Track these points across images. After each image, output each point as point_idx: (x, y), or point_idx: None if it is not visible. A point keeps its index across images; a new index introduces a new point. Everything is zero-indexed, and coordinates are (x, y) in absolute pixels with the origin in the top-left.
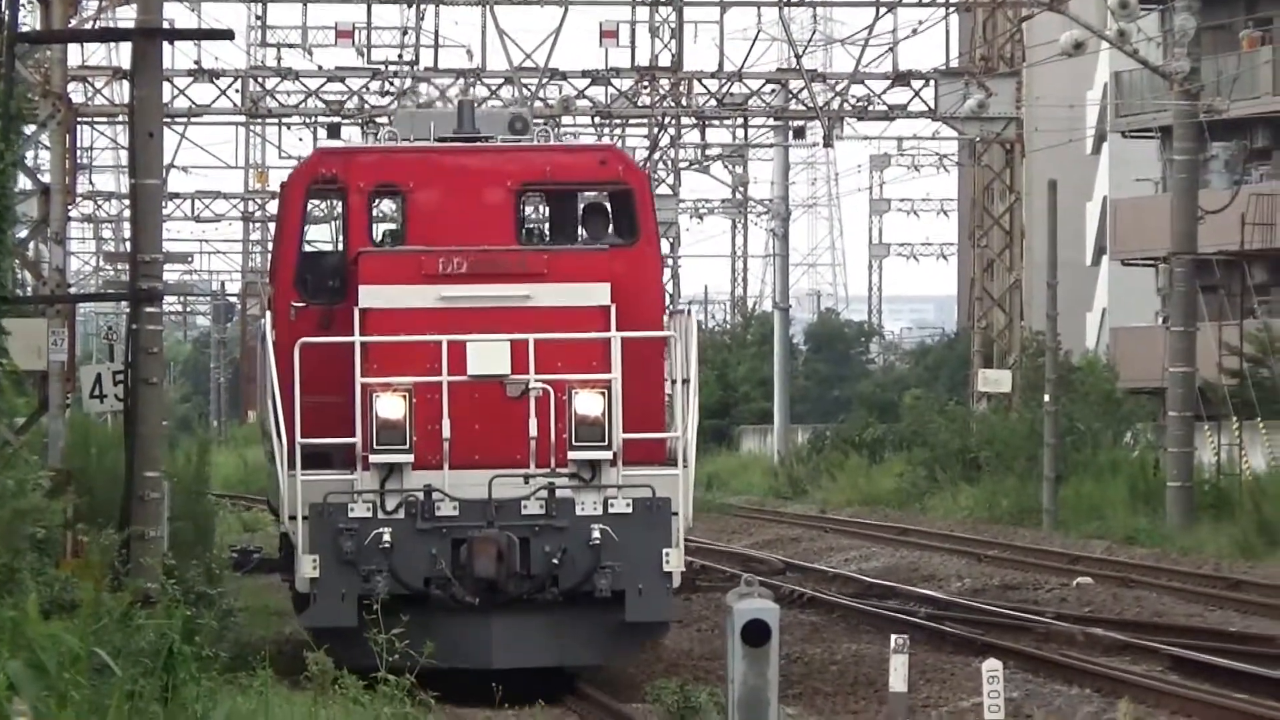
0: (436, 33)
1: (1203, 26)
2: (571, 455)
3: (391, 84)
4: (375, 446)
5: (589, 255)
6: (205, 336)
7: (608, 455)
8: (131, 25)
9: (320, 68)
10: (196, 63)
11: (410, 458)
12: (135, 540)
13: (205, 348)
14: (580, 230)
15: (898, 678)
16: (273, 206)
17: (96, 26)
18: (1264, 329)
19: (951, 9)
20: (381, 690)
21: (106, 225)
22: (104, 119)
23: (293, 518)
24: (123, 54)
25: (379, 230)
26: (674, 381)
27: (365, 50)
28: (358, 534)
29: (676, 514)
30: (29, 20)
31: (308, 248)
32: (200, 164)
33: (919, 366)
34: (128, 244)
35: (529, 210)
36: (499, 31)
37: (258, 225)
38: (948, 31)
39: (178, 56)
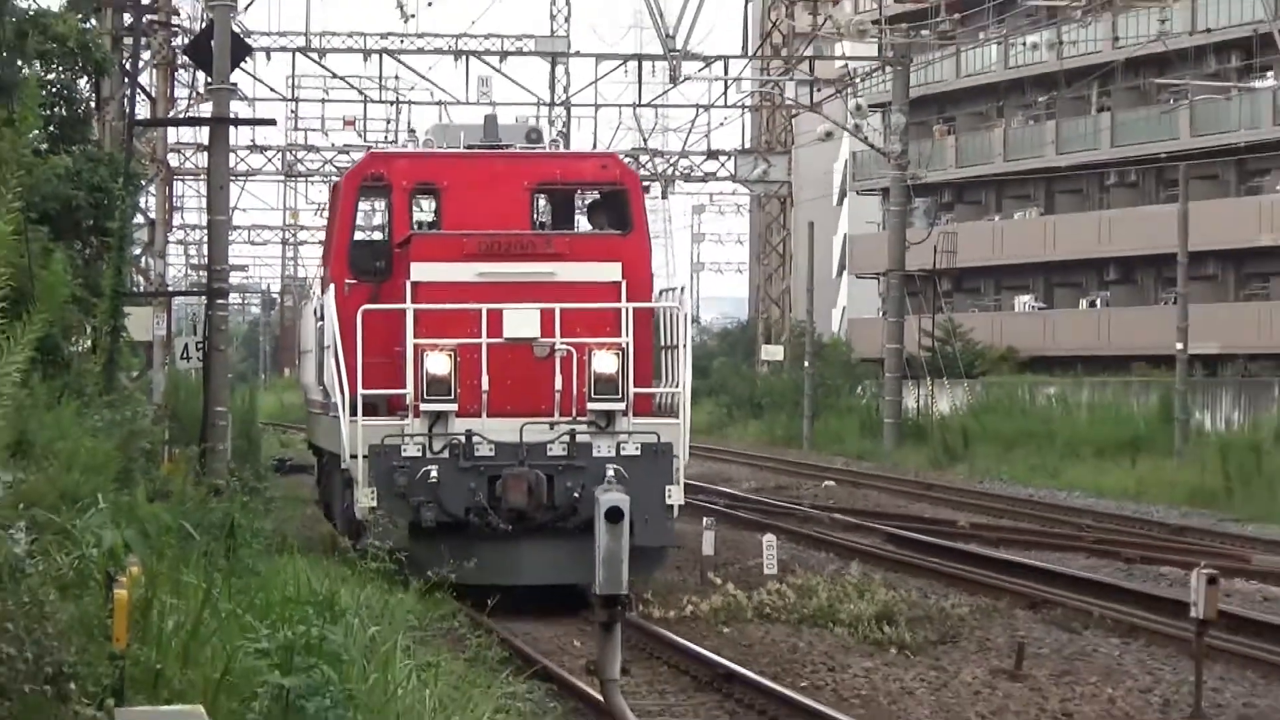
0: (410, 122)
1: (910, 122)
2: (590, 406)
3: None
4: (425, 397)
5: (604, 239)
6: (256, 320)
7: (621, 406)
8: (209, 115)
9: (333, 145)
10: (252, 140)
11: (454, 407)
12: (209, 451)
13: (256, 327)
14: (578, 223)
15: (708, 545)
16: (304, 222)
17: (186, 116)
18: (948, 321)
19: (745, 109)
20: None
21: (192, 246)
22: (191, 176)
23: (354, 456)
24: (203, 134)
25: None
26: (666, 347)
27: (363, 133)
28: (409, 470)
29: (677, 456)
30: (142, 110)
31: (357, 235)
32: (254, 207)
33: (724, 343)
34: (205, 258)
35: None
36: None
37: (292, 247)
38: (744, 124)
39: (240, 135)
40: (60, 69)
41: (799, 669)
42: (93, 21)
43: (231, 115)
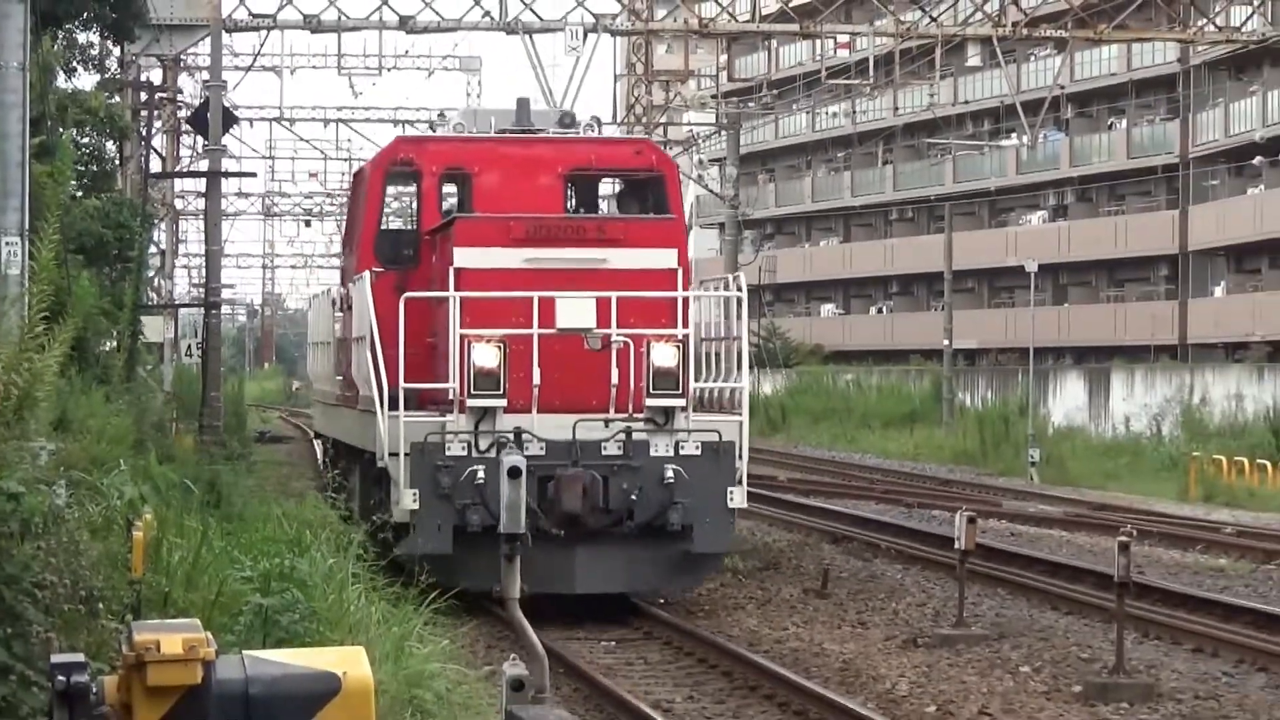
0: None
1: (740, 172)
2: (649, 402)
3: (333, 197)
4: (472, 392)
5: (659, 224)
6: (242, 326)
7: (681, 402)
8: (206, 170)
9: (301, 192)
10: (239, 188)
11: (504, 402)
12: (206, 426)
13: (242, 332)
14: (604, 210)
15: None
16: (279, 250)
17: (188, 170)
18: (770, 324)
19: None
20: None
21: (193, 269)
22: (192, 216)
23: (393, 455)
24: (201, 184)
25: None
26: (721, 339)
27: (324, 182)
28: (454, 470)
29: (740, 456)
30: (155, 166)
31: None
32: (240, 239)
33: None
34: (204, 279)
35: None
36: None
37: (269, 270)
38: None
39: (229, 185)
40: (92, 134)
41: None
42: (117, 98)
43: (223, 170)
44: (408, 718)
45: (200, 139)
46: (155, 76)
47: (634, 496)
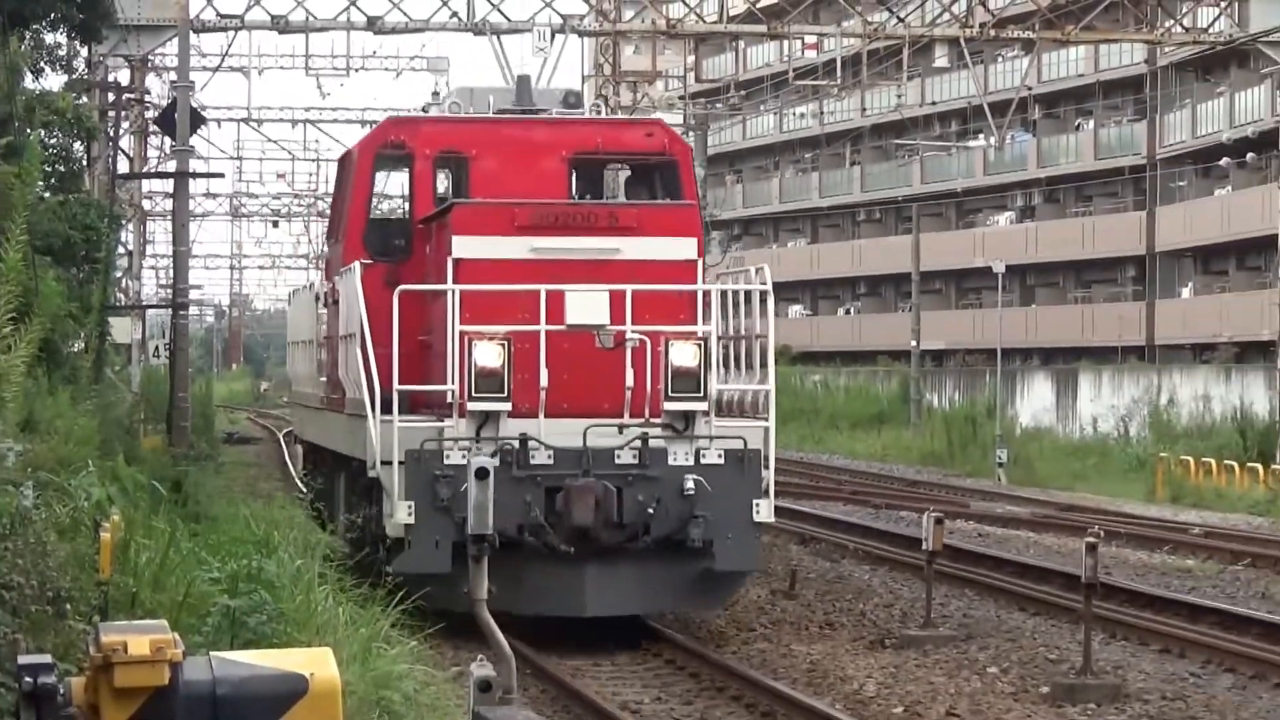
0: (327, 177)
1: (708, 173)
2: (667, 406)
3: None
4: (474, 394)
5: (677, 210)
6: (210, 327)
7: (703, 406)
8: (173, 170)
9: (269, 193)
10: (207, 189)
11: (508, 406)
12: (175, 426)
13: (210, 333)
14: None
15: None
16: (247, 251)
17: (156, 171)
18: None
19: None
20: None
21: (161, 270)
22: (160, 217)
23: (386, 463)
24: (169, 185)
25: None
26: (744, 337)
27: (292, 183)
28: (454, 481)
29: (766, 465)
30: (122, 167)
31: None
32: (208, 240)
33: None
34: (172, 280)
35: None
36: None
37: (237, 271)
38: None
39: (197, 186)
40: (59, 135)
41: None
42: (84, 98)
43: (190, 170)
44: (375, 718)
45: (168, 140)
46: (123, 77)
47: (650, 509)
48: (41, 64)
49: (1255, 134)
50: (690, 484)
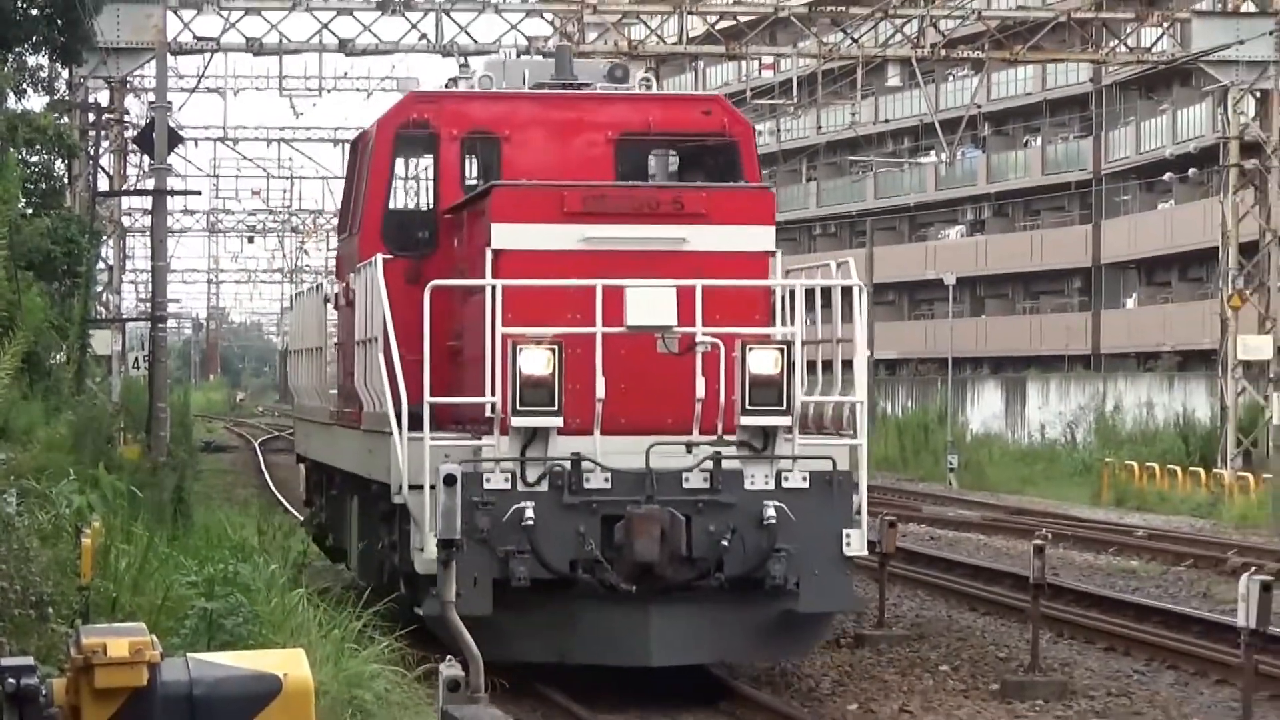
0: (300, 194)
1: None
2: (744, 421)
3: (275, 214)
4: (519, 407)
5: (753, 195)
6: (188, 339)
7: (786, 421)
8: (152, 188)
9: (244, 210)
10: (184, 206)
11: (559, 421)
12: (154, 435)
13: (187, 345)
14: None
15: None
16: (224, 265)
17: (135, 188)
18: None
19: None
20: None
21: (140, 284)
22: (139, 233)
23: (415, 487)
24: (148, 202)
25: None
26: (825, 341)
27: (267, 200)
28: (495, 509)
29: (859, 490)
30: (102, 184)
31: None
32: (186, 255)
33: None
34: (150, 294)
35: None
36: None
37: (215, 285)
38: None
39: (175, 203)
40: (42, 153)
41: None
42: (66, 118)
43: (168, 188)
44: (348, 718)
45: (146, 158)
46: (103, 98)
47: (724, 542)
48: (24, 85)
49: (1197, 150)
50: (771, 512)
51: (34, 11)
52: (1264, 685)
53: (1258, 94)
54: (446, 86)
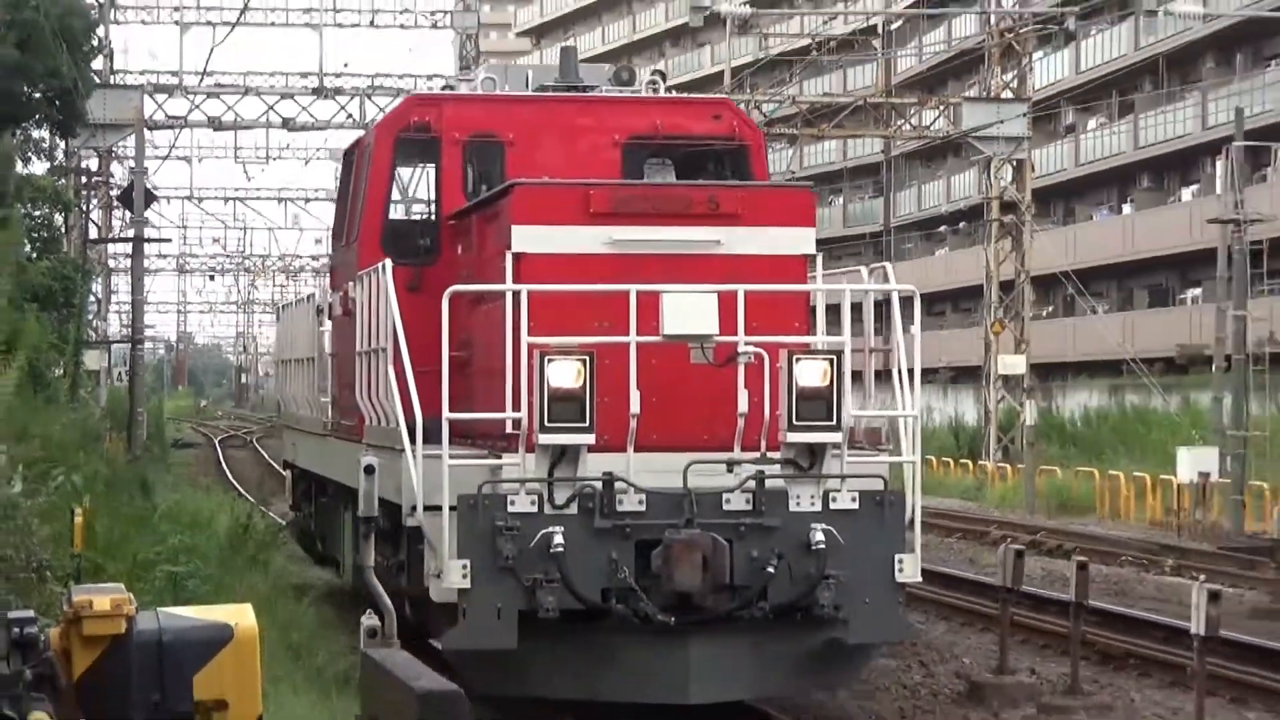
0: (251, 242)
1: None
2: (791, 437)
3: (231, 258)
4: (546, 423)
5: (794, 194)
6: (161, 358)
7: (836, 437)
8: (132, 237)
9: (207, 254)
10: (159, 251)
11: (590, 438)
12: (133, 434)
13: (161, 362)
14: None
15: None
16: (190, 298)
17: (118, 237)
18: None
19: None
20: None
21: (124, 314)
22: (123, 272)
23: (431, 508)
24: (129, 248)
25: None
26: (870, 351)
27: (225, 247)
28: (521, 534)
29: (913, 511)
30: (92, 233)
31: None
32: (160, 289)
33: None
34: (131, 321)
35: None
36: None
37: (183, 314)
38: None
39: (151, 248)
40: (43, 208)
41: None
42: (63, 180)
43: (145, 237)
44: (285, 654)
45: (128, 213)
46: (93, 164)
47: (769, 568)
48: (29, 153)
49: (966, 207)
50: (819, 536)
51: (37, 95)
52: (1017, 631)
53: (1014, 163)
54: (446, 89)
